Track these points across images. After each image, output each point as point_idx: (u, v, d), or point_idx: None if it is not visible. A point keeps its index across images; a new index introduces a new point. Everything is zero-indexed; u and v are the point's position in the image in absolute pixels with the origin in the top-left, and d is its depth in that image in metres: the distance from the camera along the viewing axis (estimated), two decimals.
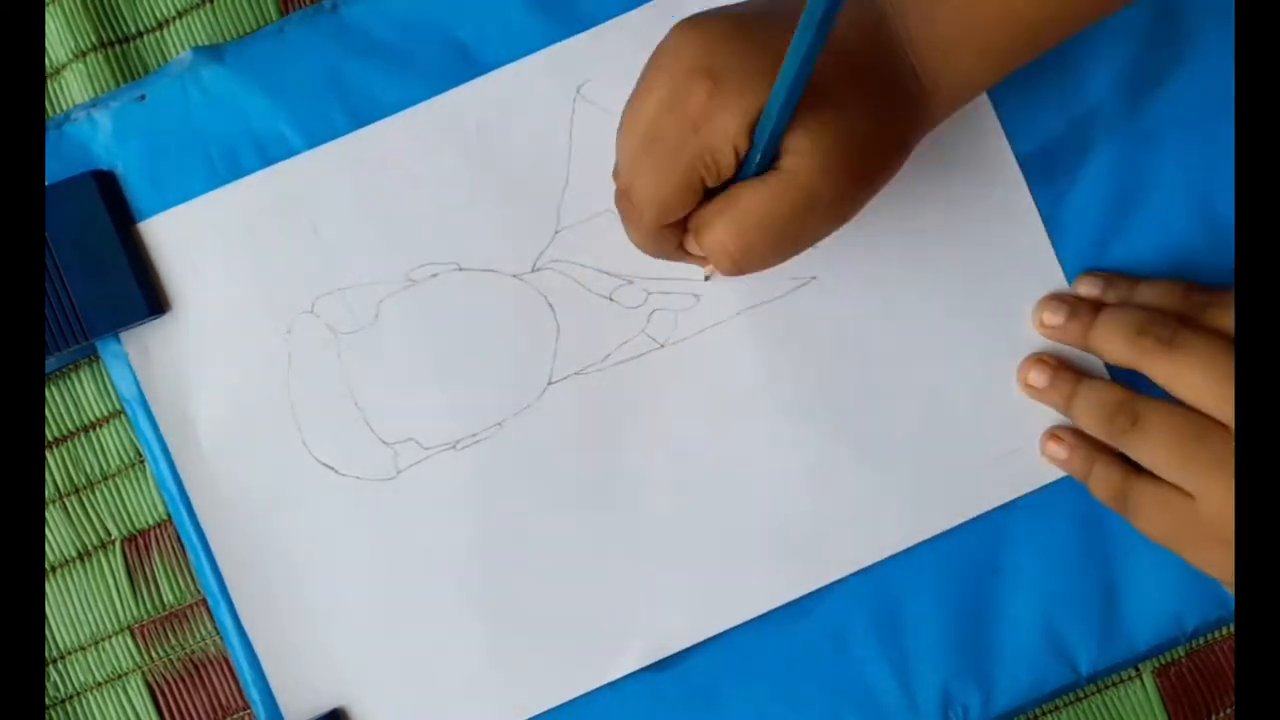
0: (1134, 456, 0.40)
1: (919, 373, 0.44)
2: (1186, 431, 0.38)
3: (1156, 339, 0.39)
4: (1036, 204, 0.44)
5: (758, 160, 0.35)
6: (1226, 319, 0.39)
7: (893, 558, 0.44)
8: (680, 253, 0.39)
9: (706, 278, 0.44)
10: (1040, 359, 0.43)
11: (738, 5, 0.37)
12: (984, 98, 0.44)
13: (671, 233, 0.38)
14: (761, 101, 0.34)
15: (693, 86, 0.35)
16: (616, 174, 0.38)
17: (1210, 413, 0.38)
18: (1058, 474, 0.43)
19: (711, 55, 0.35)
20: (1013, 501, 0.44)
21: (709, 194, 0.37)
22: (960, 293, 0.44)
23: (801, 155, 0.35)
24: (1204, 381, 0.38)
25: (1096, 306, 0.42)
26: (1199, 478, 0.38)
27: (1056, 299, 0.43)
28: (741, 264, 0.36)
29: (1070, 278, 0.44)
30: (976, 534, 0.44)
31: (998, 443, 0.44)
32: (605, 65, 0.44)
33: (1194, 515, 0.38)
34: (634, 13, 0.44)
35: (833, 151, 0.35)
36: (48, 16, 0.46)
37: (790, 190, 0.35)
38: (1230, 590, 0.41)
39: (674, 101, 0.35)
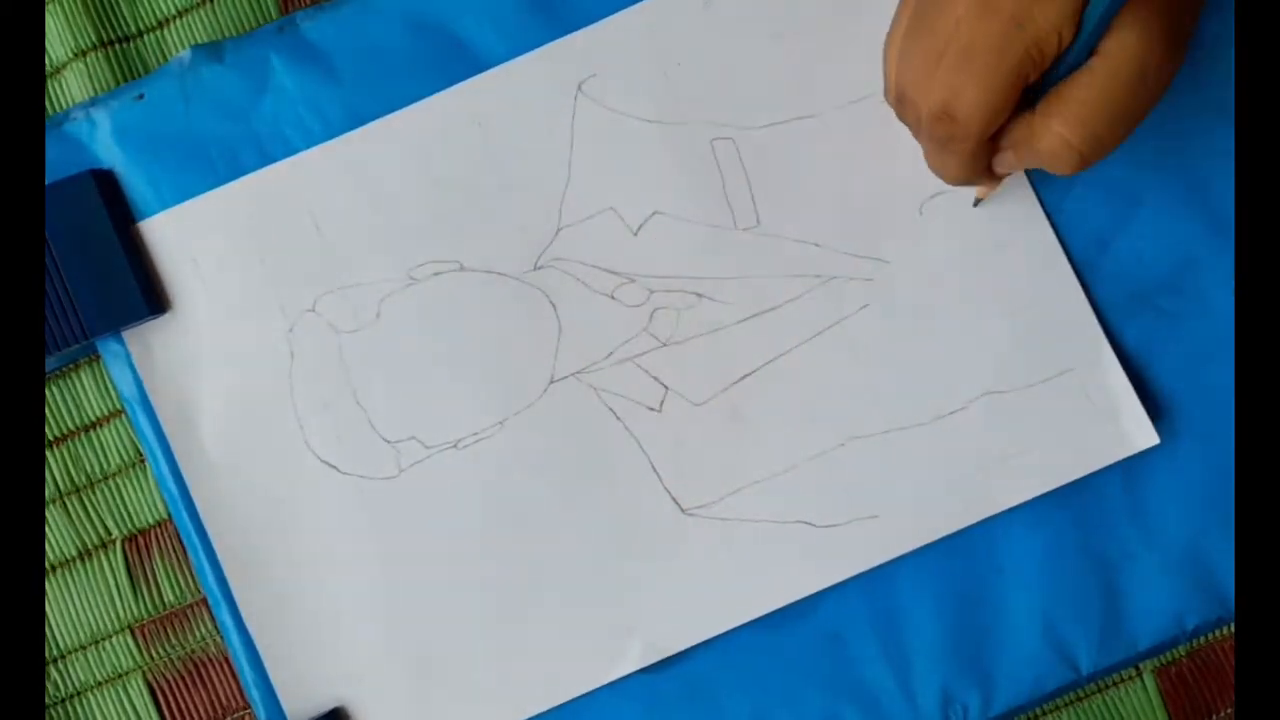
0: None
1: (921, 373, 0.44)
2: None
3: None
4: (1040, 201, 0.44)
5: (1088, 45, 0.34)
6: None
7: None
8: (988, 173, 0.39)
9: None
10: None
11: None
12: None
13: (988, 149, 0.38)
14: None
15: None
16: (909, 104, 0.37)
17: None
18: (1060, 479, 0.43)
19: None
20: None
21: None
22: (964, 293, 0.44)
23: (1126, 30, 0.34)
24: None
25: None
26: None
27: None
28: (1089, 158, 0.36)
29: (1076, 274, 0.44)
30: (976, 534, 0.44)
31: (1000, 446, 0.43)
32: (606, 62, 0.44)
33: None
34: (634, 9, 0.44)
35: (1154, 21, 0.34)
36: (48, 16, 0.46)
37: (1122, 72, 0.34)
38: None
39: (986, 6, 0.34)
